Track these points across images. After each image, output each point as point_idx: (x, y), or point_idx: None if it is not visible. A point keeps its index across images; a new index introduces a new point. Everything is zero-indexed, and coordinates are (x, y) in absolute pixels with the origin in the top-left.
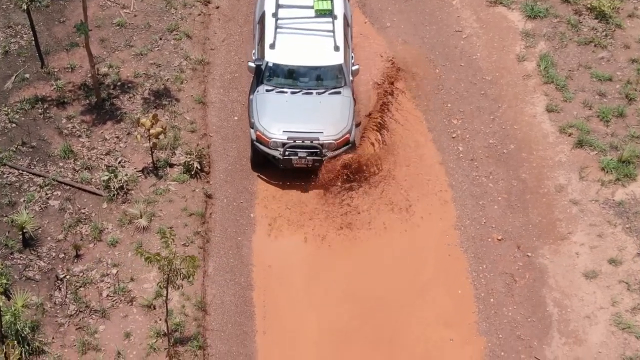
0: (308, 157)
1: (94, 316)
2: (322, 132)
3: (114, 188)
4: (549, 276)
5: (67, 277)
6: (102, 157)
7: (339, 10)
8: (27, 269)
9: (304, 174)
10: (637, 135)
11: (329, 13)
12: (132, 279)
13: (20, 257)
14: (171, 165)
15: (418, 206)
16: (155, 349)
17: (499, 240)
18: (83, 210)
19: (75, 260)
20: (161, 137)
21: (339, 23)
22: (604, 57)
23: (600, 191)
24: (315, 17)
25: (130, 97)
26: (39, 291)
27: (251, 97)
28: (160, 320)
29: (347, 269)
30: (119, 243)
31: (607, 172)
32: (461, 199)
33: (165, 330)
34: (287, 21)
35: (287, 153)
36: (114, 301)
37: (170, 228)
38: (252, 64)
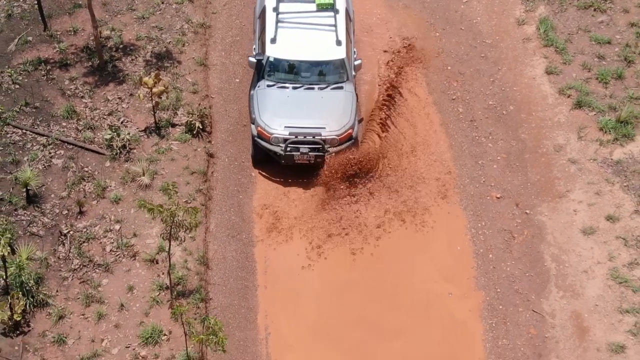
0: (310, 153)
1: (97, 270)
2: (324, 128)
3: (116, 147)
4: (547, 233)
5: (71, 232)
6: (104, 117)
7: (340, 5)
8: (31, 225)
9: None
10: (636, 96)
11: (331, 7)
12: (135, 235)
13: (24, 213)
14: (173, 125)
15: (418, 165)
16: (158, 301)
17: (498, 198)
18: (86, 169)
19: (79, 217)
20: (163, 96)
21: (341, 17)
22: (604, 20)
23: (598, 151)
24: (317, 11)
25: (132, 60)
26: (42, 246)
27: (252, 92)
28: (162, 274)
29: (348, 225)
30: (122, 200)
31: (606, 132)
32: (461, 159)
33: (168, 284)
34: (288, 15)
35: (288, 149)
36: (117, 256)
37: (173, 183)
38: (252, 59)
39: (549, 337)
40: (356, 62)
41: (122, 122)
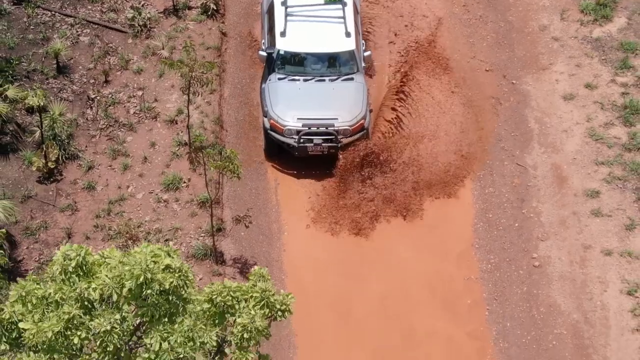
0: (324, 144)
1: (122, 129)
2: (337, 119)
3: (138, 25)
4: (531, 99)
5: (98, 97)
6: (126, 0)
7: None
8: (61, 92)
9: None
10: None
11: (339, 0)
12: (156, 100)
13: (55, 82)
14: (189, 8)
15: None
16: (177, 155)
17: (487, 71)
18: (110, 45)
19: (105, 85)
20: None
21: (349, 9)
22: None
23: (579, 29)
24: (325, 4)
25: None
26: (72, 109)
27: (263, 85)
28: (181, 132)
29: None
30: (144, 71)
31: (586, 13)
32: (454, 38)
33: (187, 140)
34: (297, 9)
35: (302, 140)
36: (140, 117)
37: (191, 41)
38: (263, 53)
39: (531, 186)
40: (365, 54)
41: (142, 5)
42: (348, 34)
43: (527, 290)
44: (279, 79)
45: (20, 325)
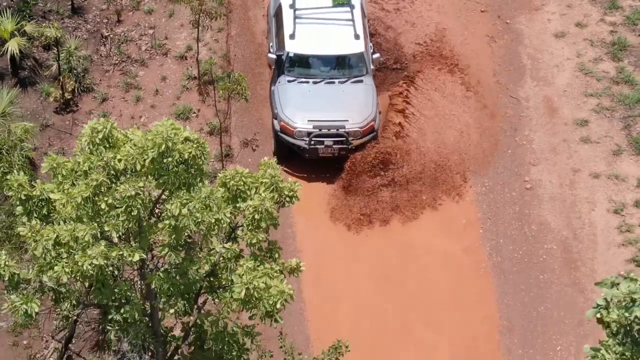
0: (334, 146)
1: (134, 65)
2: (347, 120)
3: None
4: (524, 37)
5: (111, 35)
6: None
7: (356, 0)
8: (76, 30)
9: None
10: None
11: (347, 3)
12: (166, 38)
13: (70, 21)
14: None
15: None
16: (187, 88)
17: (482, 12)
18: None
19: (117, 24)
20: None
21: (357, 12)
22: None
23: None
24: (333, 6)
25: None
26: (87, 47)
27: (273, 88)
28: (191, 67)
29: None
30: (154, 12)
31: None
32: None
33: (196, 74)
34: (305, 12)
35: (312, 142)
36: (151, 54)
37: None
38: (272, 55)
39: (524, 116)
40: (374, 56)
41: None
42: (357, 36)
43: (519, 210)
44: (289, 81)
45: (51, 196)
